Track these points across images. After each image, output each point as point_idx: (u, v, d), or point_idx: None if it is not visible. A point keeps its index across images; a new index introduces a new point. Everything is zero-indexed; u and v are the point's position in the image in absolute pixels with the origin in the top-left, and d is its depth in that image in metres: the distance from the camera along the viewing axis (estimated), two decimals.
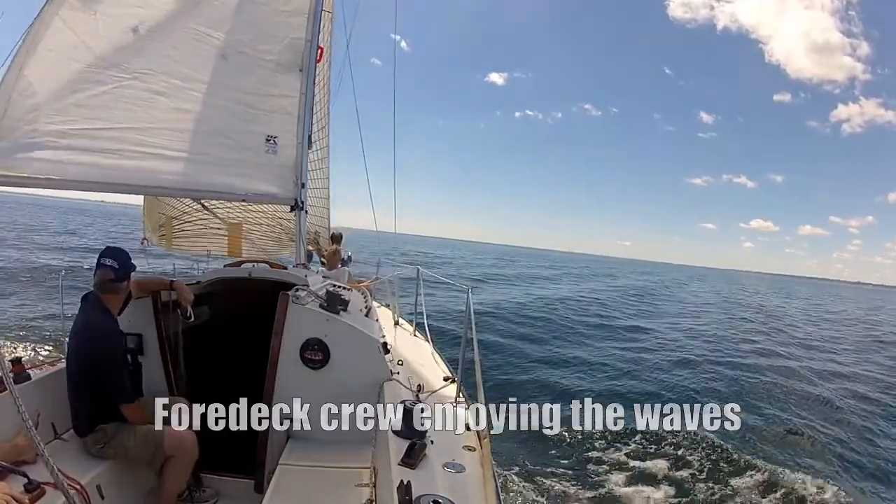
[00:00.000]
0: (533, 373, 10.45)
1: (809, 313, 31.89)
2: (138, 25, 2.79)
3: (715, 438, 6.79)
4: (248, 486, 2.86)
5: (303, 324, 2.84)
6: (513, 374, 10.15)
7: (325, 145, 5.58)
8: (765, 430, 7.89)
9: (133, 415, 2.45)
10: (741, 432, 7.18)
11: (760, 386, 10.74)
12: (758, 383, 10.94)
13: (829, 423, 8.57)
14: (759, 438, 7.51)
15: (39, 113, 2.50)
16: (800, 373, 12.49)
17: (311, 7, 3.55)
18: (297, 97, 3.56)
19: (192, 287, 3.36)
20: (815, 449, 7.45)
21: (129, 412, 2.44)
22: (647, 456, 6.60)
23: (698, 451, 6.82)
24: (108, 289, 2.49)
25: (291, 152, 3.58)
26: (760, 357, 14.07)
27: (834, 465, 6.96)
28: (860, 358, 16.34)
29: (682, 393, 9.81)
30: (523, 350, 12.27)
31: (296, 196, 3.66)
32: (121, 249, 2.55)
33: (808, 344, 17.98)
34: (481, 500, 1.78)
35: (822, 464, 6.88)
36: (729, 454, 6.56)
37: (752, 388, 10.54)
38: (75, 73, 2.63)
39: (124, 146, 2.81)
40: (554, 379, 10.04)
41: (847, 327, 27.13)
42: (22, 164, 2.47)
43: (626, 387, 9.94)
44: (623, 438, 7.14)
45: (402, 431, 2.24)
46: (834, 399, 10.26)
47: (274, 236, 5.38)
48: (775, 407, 9.30)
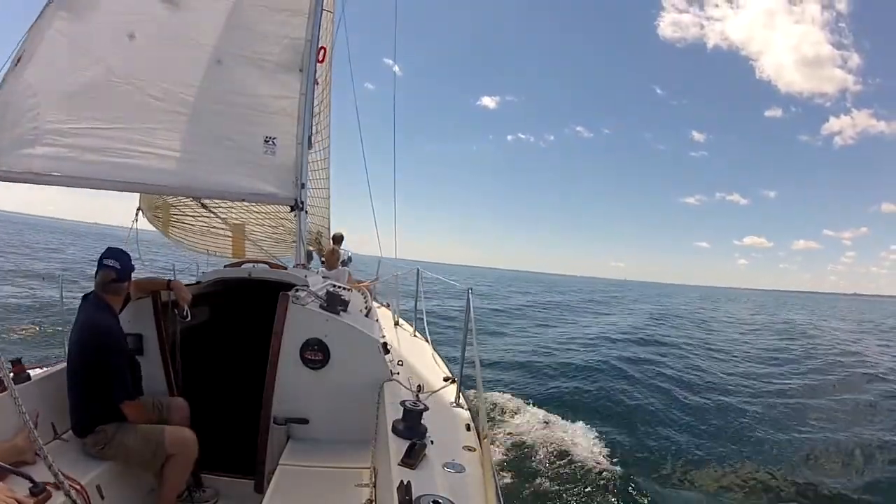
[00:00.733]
0: (533, 374, 10.47)
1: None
2: (132, 32, 2.83)
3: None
4: (248, 486, 2.86)
5: (303, 324, 2.84)
6: (514, 374, 10.17)
7: (325, 146, 5.59)
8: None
9: (133, 413, 2.45)
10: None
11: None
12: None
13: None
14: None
15: (40, 112, 2.53)
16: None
17: (311, 7, 3.55)
18: (297, 97, 3.56)
19: (192, 287, 3.36)
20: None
21: (129, 410, 2.44)
22: (648, 455, 6.61)
23: (699, 452, 6.83)
24: (109, 289, 2.50)
25: (291, 152, 3.58)
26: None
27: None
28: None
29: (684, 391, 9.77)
30: (524, 350, 12.30)
31: (296, 196, 3.66)
32: (122, 250, 2.58)
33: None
34: (481, 500, 1.78)
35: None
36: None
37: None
38: (75, 75, 2.66)
39: (123, 146, 2.84)
40: (554, 380, 10.05)
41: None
42: (23, 161, 2.50)
43: (628, 390, 9.93)
44: (626, 439, 7.16)
45: (402, 431, 2.24)
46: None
47: (276, 237, 5.38)
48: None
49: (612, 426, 7.47)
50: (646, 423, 7.93)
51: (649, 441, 7.15)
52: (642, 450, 6.77)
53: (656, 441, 7.16)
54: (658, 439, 7.24)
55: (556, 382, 9.92)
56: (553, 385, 9.72)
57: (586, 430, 6.96)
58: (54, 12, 2.57)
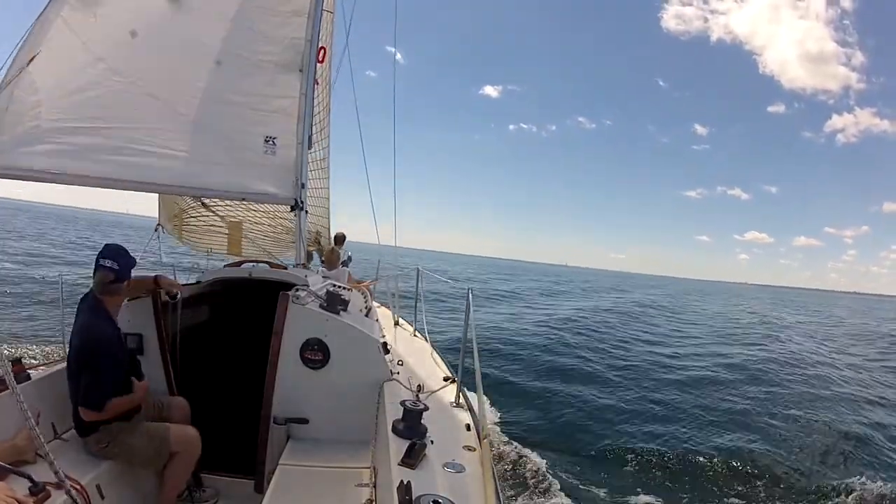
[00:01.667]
0: (533, 374, 10.47)
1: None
2: (134, 30, 2.82)
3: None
4: (248, 486, 2.86)
5: (303, 324, 2.84)
6: (513, 375, 10.16)
7: (325, 146, 5.58)
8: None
9: (90, 418, 2.33)
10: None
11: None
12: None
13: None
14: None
15: (42, 110, 2.52)
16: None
17: (311, 7, 3.55)
18: (297, 97, 3.56)
19: (193, 287, 3.36)
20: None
21: (86, 416, 2.33)
22: (648, 456, 6.62)
23: (700, 456, 6.84)
24: (107, 290, 2.42)
25: (291, 152, 3.58)
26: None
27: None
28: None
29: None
30: (523, 351, 12.30)
31: (296, 196, 3.66)
32: (119, 247, 2.48)
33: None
34: (481, 500, 1.78)
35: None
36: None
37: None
38: (77, 73, 2.65)
39: (125, 144, 2.83)
40: (554, 381, 10.05)
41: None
42: (24, 159, 2.49)
43: (629, 391, 9.94)
44: (624, 438, 7.17)
45: (402, 431, 2.24)
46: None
47: (274, 236, 5.38)
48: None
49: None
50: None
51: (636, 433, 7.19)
52: (648, 445, 6.79)
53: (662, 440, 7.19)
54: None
55: (557, 381, 9.95)
56: (556, 383, 9.75)
57: (590, 427, 6.98)
58: (59, 7, 2.55)
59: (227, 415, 3.18)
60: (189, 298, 3.22)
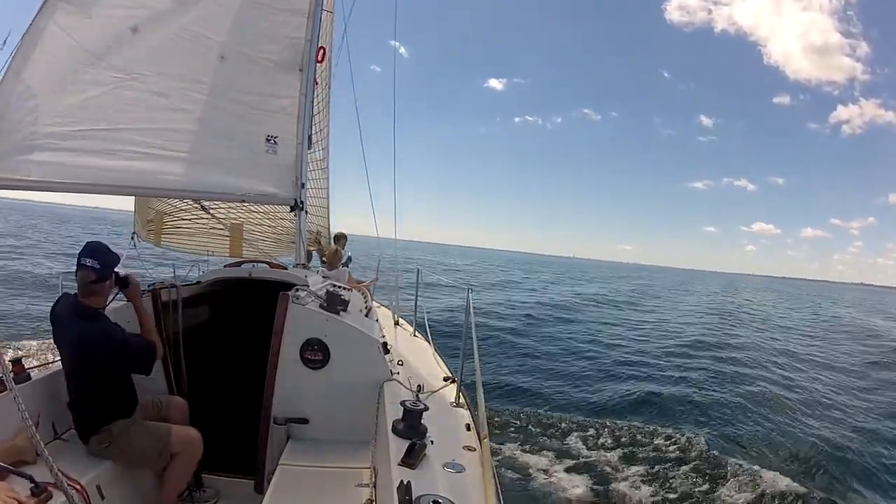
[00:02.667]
0: (533, 374, 10.47)
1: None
2: (136, 26, 2.78)
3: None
4: (248, 486, 2.86)
5: (303, 324, 2.84)
6: (513, 375, 10.16)
7: (325, 146, 5.59)
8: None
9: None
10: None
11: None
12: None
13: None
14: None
15: (38, 115, 2.47)
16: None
17: (311, 7, 3.55)
18: (297, 97, 3.56)
19: (192, 287, 3.36)
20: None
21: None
22: (648, 457, 6.60)
23: (700, 455, 6.83)
24: (88, 291, 2.32)
25: (291, 152, 3.58)
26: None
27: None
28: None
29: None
30: (523, 351, 12.30)
31: (296, 196, 3.66)
32: (100, 244, 2.36)
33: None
34: (481, 500, 1.78)
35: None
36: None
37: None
38: (73, 75, 2.61)
39: (124, 147, 2.80)
40: (554, 382, 10.04)
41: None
42: (22, 167, 2.44)
43: (631, 390, 9.93)
44: (624, 439, 7.16)
45: (402, 431, 2.24)
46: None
47: (275, 237, 5.38)
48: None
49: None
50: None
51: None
52: (647, 444, 6.79)
53: (664, 433, 7.19)
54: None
55: (557, 380, 9.94)
56: (555, 384, 9.75)
57: (589, 427, 6.97)
58: (55, 5, 2.49)
59: (227, 415, 3.18)
60: (189, 298, 3.22)
